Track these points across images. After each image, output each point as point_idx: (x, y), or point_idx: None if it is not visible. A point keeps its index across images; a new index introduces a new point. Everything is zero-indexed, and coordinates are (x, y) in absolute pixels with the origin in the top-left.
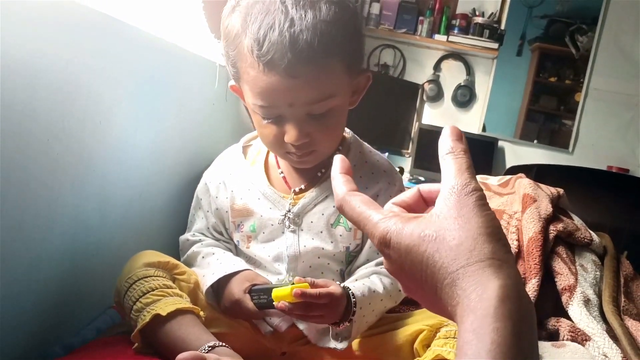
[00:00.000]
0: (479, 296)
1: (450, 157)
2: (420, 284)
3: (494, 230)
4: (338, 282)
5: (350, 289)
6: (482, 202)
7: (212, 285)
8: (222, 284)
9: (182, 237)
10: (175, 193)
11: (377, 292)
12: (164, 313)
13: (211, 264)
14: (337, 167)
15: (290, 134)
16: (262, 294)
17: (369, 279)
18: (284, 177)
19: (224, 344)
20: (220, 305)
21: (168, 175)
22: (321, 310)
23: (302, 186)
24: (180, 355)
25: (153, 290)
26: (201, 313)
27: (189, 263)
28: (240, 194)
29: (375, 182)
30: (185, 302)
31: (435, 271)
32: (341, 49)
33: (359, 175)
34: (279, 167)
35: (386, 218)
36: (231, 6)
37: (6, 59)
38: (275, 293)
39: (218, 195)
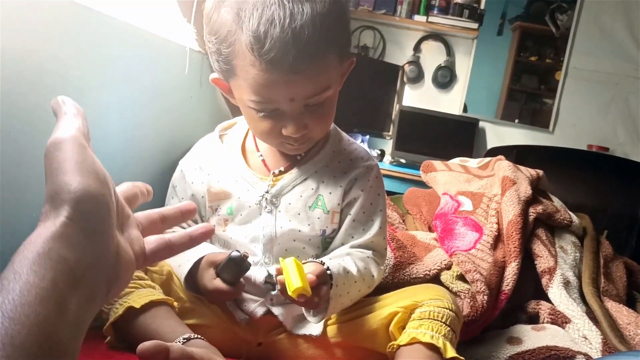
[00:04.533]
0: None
1: None
2: None
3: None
4: (320, 261)
5: (329, 269)
6: None
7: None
8: (193, 274)
9: None
10: (149, 183)
11: (352, 274)
12: (137, 305)
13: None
14: None
15: (290, 128)
16: (223, 271)
17: (343, 260)
18: (263, 160)
19: (199, 336)
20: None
21: (142, 165)
22: (310, 306)
23: (282, 168)
24: (141, 345)
25: None
26: (175, 304)
27: None
28: (218, 177)
29: (354, 167)
30: (158, 294)
31: None
32: (336, 40)
33: (337, 161)
34: (258, 151)
35: None
36: None
37: None
38: (284, 267)
39: (194, 181)
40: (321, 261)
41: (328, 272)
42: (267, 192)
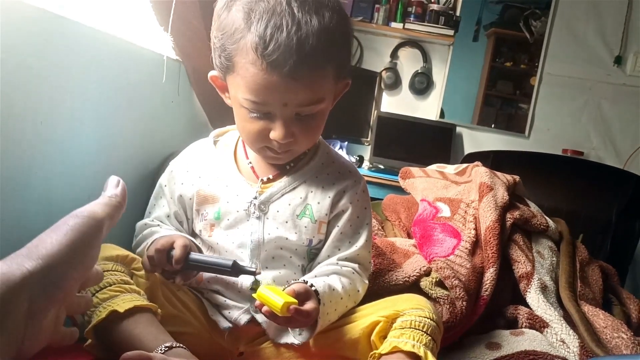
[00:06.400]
0: None
1: None
2: None
3: None
4: (303, 280)
5: (313, 285)
6: None
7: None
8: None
9: (140, 222)
10: (128, 191)
11: (337, 291)
12: (121, 310)
13: (163, 232)
14: None
15: (278, 132)
16: (199, 264)
17: (328, 277)
18: (252, 167)
19: (180, 344)
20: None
21: (119, 174)
22: (304, 323)
23: (270, 176)
24: (124, 355)
25: (110, 285)
26: (158, 311)
27: (140, 242)
28: (208, 181)
29: (343, 180)
30: (143, 300)
31: None
32: (337, 57)
33: (326, 173)
34: (247, 158)
35: None
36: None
37: None
38: (261, 296)
39: (184, 182)
40: (304, 280)
41: (313, 288)
42: (256, 198)
